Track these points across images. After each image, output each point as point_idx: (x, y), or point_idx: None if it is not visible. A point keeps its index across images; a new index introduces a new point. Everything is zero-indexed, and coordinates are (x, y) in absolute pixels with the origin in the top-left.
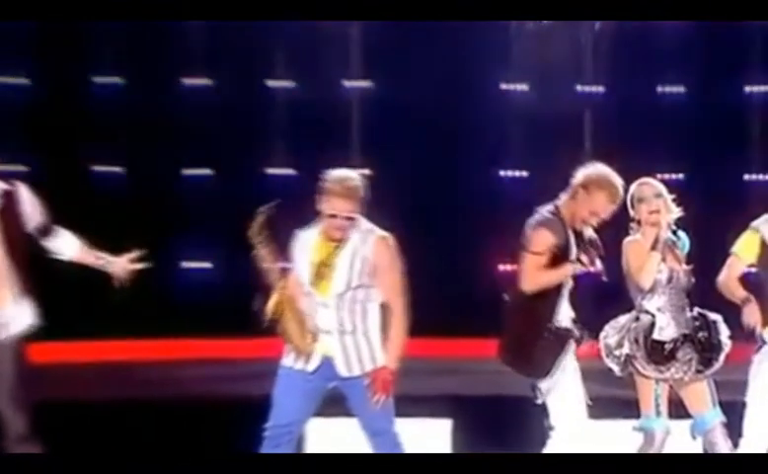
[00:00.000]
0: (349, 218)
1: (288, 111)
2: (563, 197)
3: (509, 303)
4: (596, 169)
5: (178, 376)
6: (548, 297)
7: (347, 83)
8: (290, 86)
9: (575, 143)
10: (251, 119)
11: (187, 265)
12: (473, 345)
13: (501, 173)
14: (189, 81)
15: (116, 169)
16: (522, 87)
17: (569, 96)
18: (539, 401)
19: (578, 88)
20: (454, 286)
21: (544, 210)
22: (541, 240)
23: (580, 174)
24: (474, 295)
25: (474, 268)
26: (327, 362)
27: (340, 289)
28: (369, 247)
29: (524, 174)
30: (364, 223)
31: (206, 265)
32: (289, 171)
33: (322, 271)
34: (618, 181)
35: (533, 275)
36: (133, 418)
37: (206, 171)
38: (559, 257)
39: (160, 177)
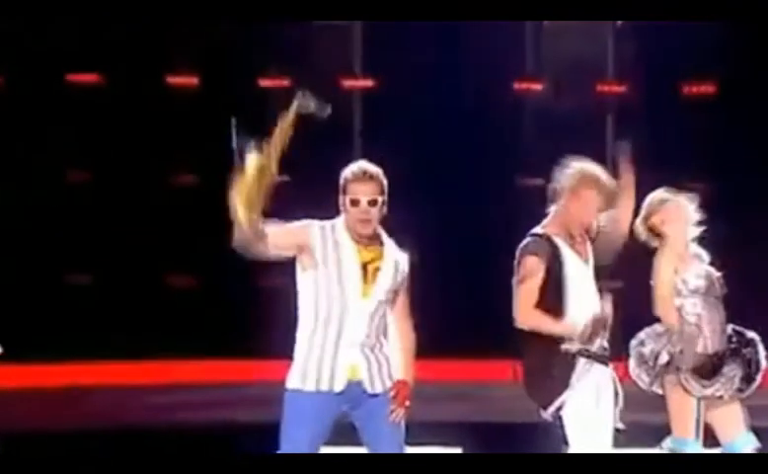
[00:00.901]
0: (373, 203)
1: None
2: (551, 211)
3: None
4: (578, 168)
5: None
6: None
7: (347, 82)
8: (285, 84)
9: (597, 146)
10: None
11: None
12: (488, 368)
13: (520, 181)
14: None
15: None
16: (538, 86)
17: (590, 95)
18: (556, 424)
19: (600, 87)
20: (467, 304)
21: (531, 232)
22: (528, 268)
23: (563, 178)
24: (490, 314)
25: (490, 284)
26: (354, 382)
27: (381, 296)
28: (405, 259)
29: (542, 182)
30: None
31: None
32: (284, 177)
33: (368, 272)
34: (601, 171)
35: (525, 310)
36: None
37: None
38: (553, 283)
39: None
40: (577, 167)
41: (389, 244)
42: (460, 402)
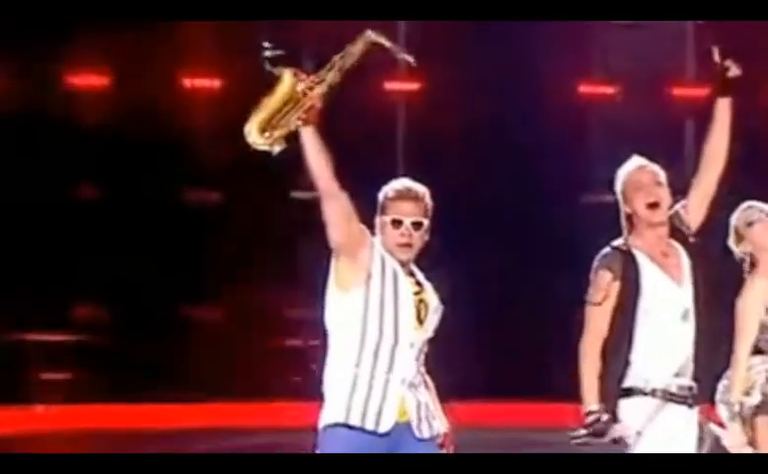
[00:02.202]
0: (417, 226)
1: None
2: (624, 219)
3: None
4: (622, 171)
5: None
6: (620, 348)
7: (390, 85)
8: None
9: (674, 156)
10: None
11: None
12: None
13: (586, 197)
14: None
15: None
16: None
17: (665, 98)
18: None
19: (676, 90)
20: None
21: (612, 243)
22: (598, 285)
23: (620, 176)
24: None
25: (549, 318)
26: (401, 424)
27: (430, 332)
28: (437, 298)
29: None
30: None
31: None
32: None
33: (420, 307)
34: (642, 163)
35: (587, 337)
36: None
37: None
38: (626, 308)
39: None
40: (621, 170)
41: (421, 278)
42: (513, 450)
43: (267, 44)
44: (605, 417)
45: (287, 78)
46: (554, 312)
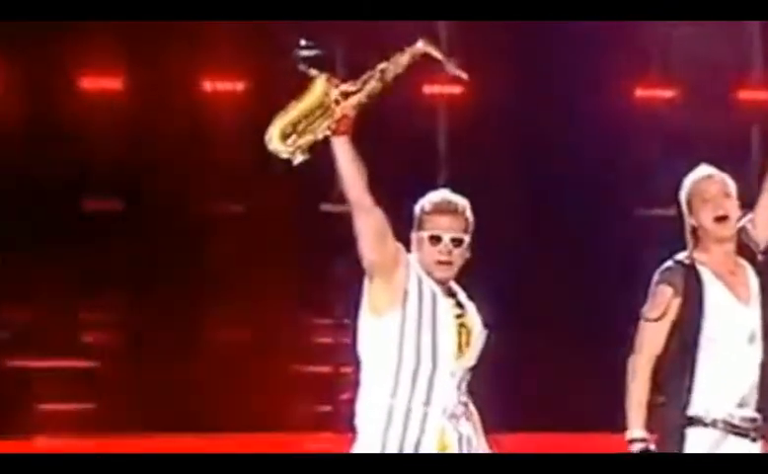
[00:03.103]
0: (457, 242)
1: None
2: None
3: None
4: (688, 180)
5: None
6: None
7: (429, 88)
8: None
9: (739, 165)
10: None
11: None
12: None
13: (642, 210)
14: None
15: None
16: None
17: (727, 103)
18: None
19: (741, 94)
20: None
21: (675, 257)
22: (657, 301)
23: (686, 185)
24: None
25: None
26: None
27: (473, 359)
28: (480, 322)
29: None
30: None
31: None
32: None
33: (461, 331)
34: (709, 172)
35: (638, 355)
36: None
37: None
38: (686, 328)
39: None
40: (688, 179)
41: (463, 298)
42: None
43: (303, 42)
44: (653, 447)
45: (320, 83)
46: (607, 335)
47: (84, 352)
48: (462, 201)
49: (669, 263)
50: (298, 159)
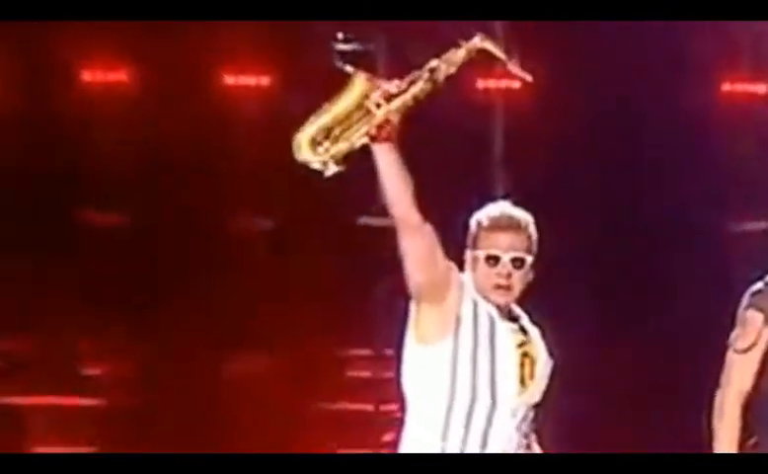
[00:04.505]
0: (519, 263)
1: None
2: None
3: None
4: None
5: None
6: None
7: (484, 83)
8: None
9: None
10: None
11: None
12: None
13: (731, 222)
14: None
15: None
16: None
17: None
18: None
19: None
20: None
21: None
22: (747, 328)
23: None
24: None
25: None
26: None
27: (537, 395)
28: (546, 350)
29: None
30: None
31: None
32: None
33: (524, 362)
34: None
35: (727, 388)
36: None
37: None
38: None
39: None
40: None
41: (526, 323)
42: None
43: (340, 35)
44: None
45: (359, 82)
46: (690, 364)
47: (85, 386)
48: (524, 216)
49: (760, 285)
50: (331, 170)
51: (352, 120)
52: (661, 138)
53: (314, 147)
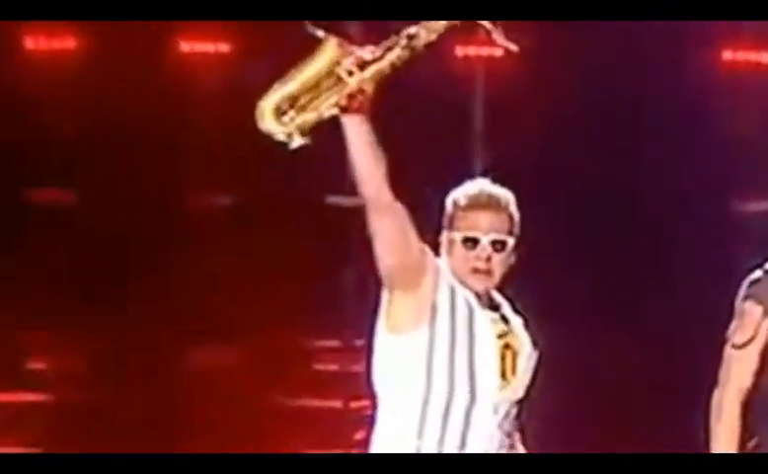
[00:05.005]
0: (499, 246)
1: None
2: None
3: None
4: None
5: None
6: None
7: (463, 50)
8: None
9: None
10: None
11: None
12: None
13: (736, 204)
14: None
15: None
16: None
17: None
18: None
19: None
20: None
21: (765, 267)
22: (745, 320)
23: None
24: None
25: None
26: None
27: (520, 391)
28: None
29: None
30: None
31: None
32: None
33: (505, 354)
34: None
35: (725, 384)
36: None
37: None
38: None
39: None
40: None
41: (508, 311)
42: None
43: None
44: None
45: (330, 47)
46: (692, 355)
47: (31, 381)
48: (505, 195)
49: (758, 273)
50: (296, 142)
51: (321, 89)
52: (658, 112)
53: (278, 116)
